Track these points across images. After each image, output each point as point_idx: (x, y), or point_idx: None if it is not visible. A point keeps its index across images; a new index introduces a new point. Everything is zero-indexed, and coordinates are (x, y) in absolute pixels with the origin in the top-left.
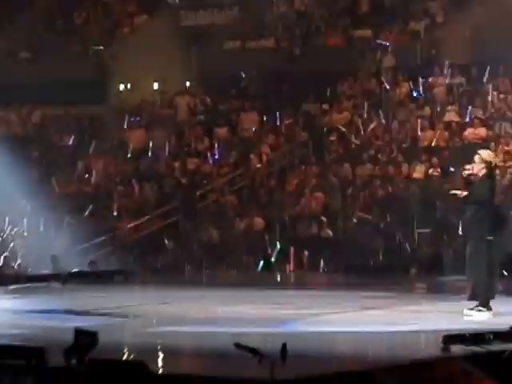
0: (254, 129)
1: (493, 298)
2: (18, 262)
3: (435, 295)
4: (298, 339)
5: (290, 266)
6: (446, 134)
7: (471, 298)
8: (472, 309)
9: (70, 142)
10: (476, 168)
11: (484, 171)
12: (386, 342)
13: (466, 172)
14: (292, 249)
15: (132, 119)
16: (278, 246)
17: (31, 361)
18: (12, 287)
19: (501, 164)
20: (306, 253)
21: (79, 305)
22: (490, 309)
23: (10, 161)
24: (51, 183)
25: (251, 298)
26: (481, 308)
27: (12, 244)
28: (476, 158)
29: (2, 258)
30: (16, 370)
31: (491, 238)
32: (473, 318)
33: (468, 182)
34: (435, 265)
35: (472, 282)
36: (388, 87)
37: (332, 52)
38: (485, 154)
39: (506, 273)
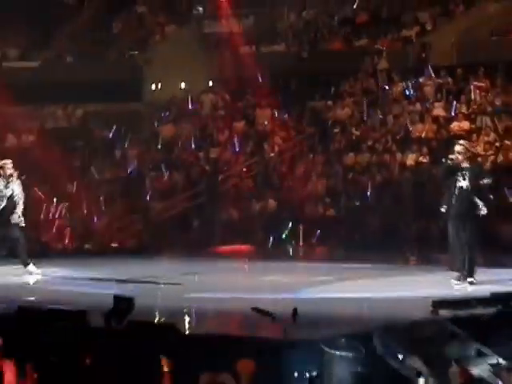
0: (267, 122)
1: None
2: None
3: (425, 267)
4: (306, 304)
5: (300, 242)
6: (435, 126)
7: (457, 270)
8: (459, 279)
9: (110, 135)
10: (460, 157)
11: (466, 159)
12: (383, 306)
13: (449, 161)
14: (301, 226)
15: (163, 114)
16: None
17: (76, 322)
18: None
19: (482, 153)
20: (313, 230)
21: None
22: (473, 279)
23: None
24: (92, 170)
25: (266, 270)
26: (467, 278)
27: (57, 222)
28: (459, 148)
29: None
30: (62, 330)
31: (473, 216)
32: (460, 287)
33: (452, 169)
34: (425, 241)
35: (457, 255)
36: (384, 86)
37: (335, 56)
38: (466, 144)
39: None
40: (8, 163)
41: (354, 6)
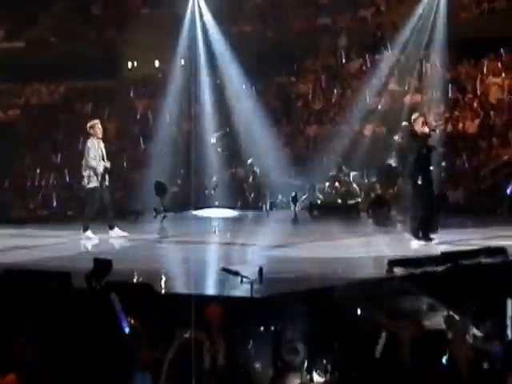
0: (235, 97)
1: (435, 231)
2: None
3: (381, 229)
4: (272, 264)
5: (267, 206)
6: (389, 99)
7: (416, 231)
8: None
9: (89, 109)
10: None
11: (426, 129)
12: (343, 265)
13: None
14: (267, 193)
15: (139, 90)
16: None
17: (60, 283)
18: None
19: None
20: (280, 196)
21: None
22: (430, 239)
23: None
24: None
25: (238, 232)
26: (421, 238)
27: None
28: (422, 118)
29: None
30: (47, 290)
31: (431, 180)
32: (415, 245)
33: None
34: (382, 204)
35: (414, 217)
36: (343, 62)
37: (298, 35)
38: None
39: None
40: (98, 123)
41: None
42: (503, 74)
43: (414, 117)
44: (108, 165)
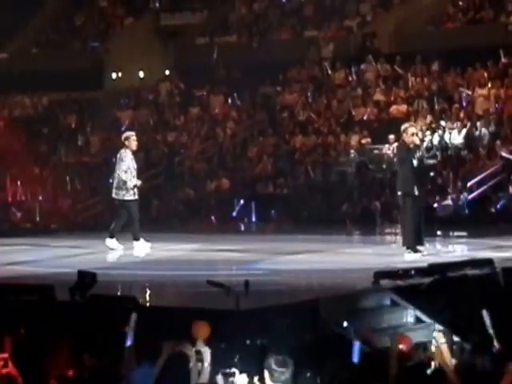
0: (220, 108)
1: (416, 243)
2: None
3: (367, 240)
4: (258, 276)
5: (252, 218)
6: (375, 110)
7: (410, 243)
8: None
9: (73, 121)
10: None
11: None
12: (329, 277)
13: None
14: (253, 204)
15: (122, 101)
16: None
17: (43, 296)
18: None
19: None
20: (264, 207)
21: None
22: (417, 251)
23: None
24: (58, 154)
25: (221, 244)
26: (410, 250)
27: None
28: (414, 130)
29: (19, 215)
30: (30, 303)
31: (419, 192)
32: (406, 258)
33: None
34: (367, 215)
35: (408, 229)
36: (328, 73)
37: (283, 45)
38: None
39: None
40: (134, 135)
41: None
42: (489, 85)
43: (402, 128)
44: (138, 183)
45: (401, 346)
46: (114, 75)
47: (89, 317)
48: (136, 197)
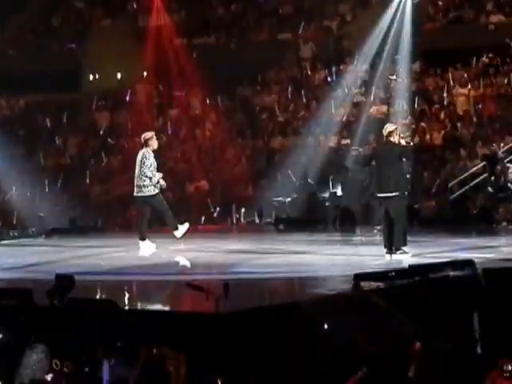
0: (199, 109)
1: (405, 244)
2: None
3: (348, 241)
4: (238, 279)
5: (232, 220)
6: (355, 110)
7: (390, 245)
8: (395, 253)
9: (50, 123)
10: (397, 138)
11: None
12: (309, 279)
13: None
14: (233, 206)
15: (100, 103)
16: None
17: (21, 300)
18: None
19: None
20: (243, 209)
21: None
22: (405, 252)
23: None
24: (36, 157)
25: (201, 247)
26: (402, 251)
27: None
28: (400, 130)
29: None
30: (8, 308)
31: (406, 193)
32: (397, 258)
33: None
34: (347, 217)
35: (388, 231)
36: (308, 74)
37: (262, 46)
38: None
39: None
40: (154, 134)
41: None
42: (469, 85)
43: (389, 129)
44: (162, 182)
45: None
46: (91, 77)
47: (67, 321)
48: (158, 191)
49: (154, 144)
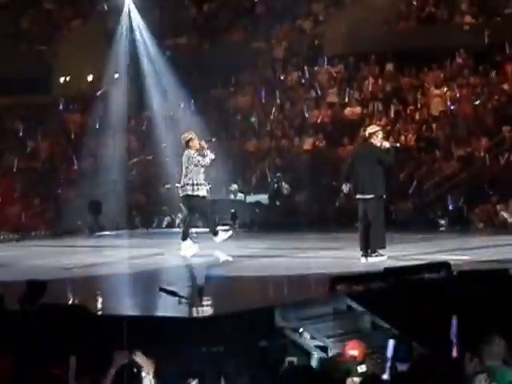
0: (173, 112)
1: (384, 246)
2: None
3: (323, 245)
4: (212, 283)
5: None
6: (329, 112)
7: (366, 248)
8: (371, 255)
9: (20, 126)
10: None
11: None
12: (285, 283)
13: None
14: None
15: (71, 106)
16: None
17: None
18: None
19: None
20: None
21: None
22: (381, 255)
23: None
24: (5, 161)
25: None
26: (377, 253)
27: None
28: (381, 133)
29: None
30: None
31: (384, 195)
32: (372, 261)
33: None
34: (323, 220)
35: (365, 233)
36: (281, 75)
37: (235, 46)
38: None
39: None
40: (194, 135)
41: None
42: (445, 86)
43: (371, 130)
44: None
45: (352, 352)
46: (61, 79)
47: (37, 326)
48: (205, 193)
49: (196, 145)
